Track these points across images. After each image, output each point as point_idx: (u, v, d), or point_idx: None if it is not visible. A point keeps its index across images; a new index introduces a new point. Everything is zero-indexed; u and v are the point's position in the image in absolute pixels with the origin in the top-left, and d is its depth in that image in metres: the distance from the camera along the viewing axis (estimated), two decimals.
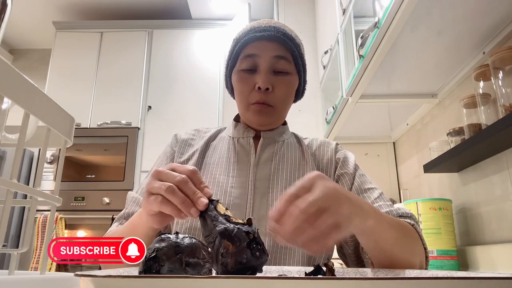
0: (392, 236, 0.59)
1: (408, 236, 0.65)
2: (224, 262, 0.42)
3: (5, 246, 2.43)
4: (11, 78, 0.34)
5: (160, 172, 0.52)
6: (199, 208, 0.48)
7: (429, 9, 1.09)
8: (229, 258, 0.42)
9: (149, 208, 0.53)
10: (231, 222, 0.45)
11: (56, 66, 3.01)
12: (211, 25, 3.11)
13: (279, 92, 0.81)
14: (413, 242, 0.65)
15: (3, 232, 0.34)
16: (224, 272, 0.43)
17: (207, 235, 0.46)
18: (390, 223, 0.61)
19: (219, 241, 0.43)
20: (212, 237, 0.44)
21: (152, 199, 0.51)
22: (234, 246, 0.43)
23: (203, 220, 0.47)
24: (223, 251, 0.42)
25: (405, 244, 0.62)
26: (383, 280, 0.29)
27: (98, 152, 2.79)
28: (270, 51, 0.80)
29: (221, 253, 0.42)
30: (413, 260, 0.63)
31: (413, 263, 0.62)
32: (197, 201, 0.48)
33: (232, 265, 0.42)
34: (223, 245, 0.43)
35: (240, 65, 0.82)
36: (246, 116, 0.85)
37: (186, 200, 0.49)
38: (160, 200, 0.50)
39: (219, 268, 0.43)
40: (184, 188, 0.49)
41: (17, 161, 0.37)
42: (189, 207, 0.48)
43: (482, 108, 1.17)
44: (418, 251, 0.65)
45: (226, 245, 0.43)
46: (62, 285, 0.40)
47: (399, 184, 2.14)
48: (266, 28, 0.81)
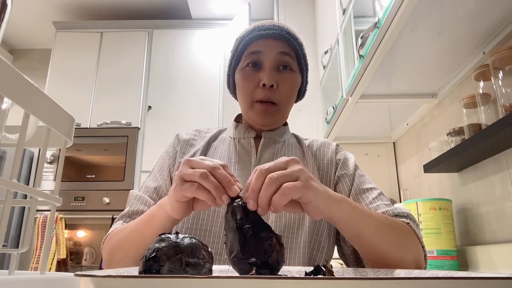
0: (374, 224, 0.59)
1: (397, 229, 0.65)
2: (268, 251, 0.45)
3: (5, 246, 2.43)
4: (11, 78, 0.34)
5: (192, 161, 0.53)
6: (231, 194, 0.49)
7: (429, 9, 1.09)
8: (273, 253, 0.45)
9: (181, 194, 0.53)
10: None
11: (56, 66, 3.01)
12: (211, 25, 3.11)
13: (284, 89, 0.81)
14: (404, 237, 0.65)
15: (3, 232, 0.34)
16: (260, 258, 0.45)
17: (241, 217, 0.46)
18: (371, 213, 0.61)
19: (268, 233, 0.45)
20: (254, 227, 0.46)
21: (188, 185, 0.51)
22: (280, 245, 0.46)
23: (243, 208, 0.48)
24: (272, 243, 0.45)
25: (392, 235, 0.62)
26: (383, 280, 0.29)
27: (98, 152, 2.80)
28: (274, 48, 0.80)
29: (268, 244, 0.45)
30: (404, 254, 0.62)
31: (404, 258, 0.62)
32: (230, 187, 0.49)
33: (273, 259, 0.45)
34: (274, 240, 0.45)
35: (244, 62, 0.82)
36: (249, 115, 0.84)
37: (219, 186, 0.49)
38: (196, 186, 0.50)
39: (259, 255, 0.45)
40: (217, 174, 0.50)
41: (17, 161, 0.37)
42: (222, 192, 0.49)
43: (482, 108, 1.17)
44: (411, 248, 0.65)
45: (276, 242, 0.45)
46: (62, 285, 0.40)
47: (399, 184, 2.15)
48: (270, 27, 0.81)
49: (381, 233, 0.60)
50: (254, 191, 0.48)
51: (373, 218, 0.60)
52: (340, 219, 0.56)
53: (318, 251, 0.76)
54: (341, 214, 0.55)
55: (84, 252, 2.58)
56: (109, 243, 0.72)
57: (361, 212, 0.59)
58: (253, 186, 0.48)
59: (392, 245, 0.61)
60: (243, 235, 0.46)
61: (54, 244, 2.45)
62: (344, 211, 0.55)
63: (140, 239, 0.65)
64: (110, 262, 0.70)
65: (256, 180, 0.48)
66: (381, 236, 0.60)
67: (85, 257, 2.57)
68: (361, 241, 0.60)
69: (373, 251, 0.60)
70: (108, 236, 0.73)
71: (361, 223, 0.58)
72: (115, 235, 0.71)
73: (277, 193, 0.47)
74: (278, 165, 0.50)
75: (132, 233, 0.67)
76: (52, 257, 2.42)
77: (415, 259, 0.65)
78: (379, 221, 0.61)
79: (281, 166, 0.50)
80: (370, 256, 0.62)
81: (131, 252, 0.66)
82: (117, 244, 0.70)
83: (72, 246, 2.59)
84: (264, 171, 0.49)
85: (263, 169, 0.49)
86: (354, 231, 0.58)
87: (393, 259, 0.60)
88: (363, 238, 0.59)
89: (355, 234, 0.59)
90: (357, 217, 0.57)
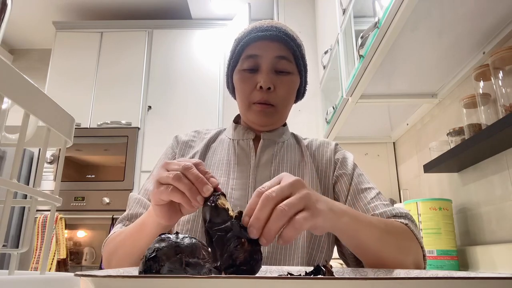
0: (375, 233, 0.59)
1: (397, 234, 0.64)
2: (235, 255, 0.43)
3: (5, 246, 2.43)
4: (11, 78, 0.34)
5: (168, 163, 0.53)
6: (204, 194, 0.49)
7: (429, 9, 1.09)
8: (241, 253, 0.43)
9: (158, 198, 0.53)
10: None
11: (56, 66, 3.01)
12: (211, 25, 3.11)
13: (281, 91, 0.81)
14: (404, 241, 0.65)
15: (3, 232, 0.34)
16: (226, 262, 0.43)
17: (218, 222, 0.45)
18: (371, 221, 0.61)
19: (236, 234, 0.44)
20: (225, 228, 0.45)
21: (163, 188, 0.51)
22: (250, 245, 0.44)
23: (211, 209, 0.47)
24: (238, 245, 0.43)
25: (392, 242, 0.62)
26: (383, 280, 0.29)
27: (98, 152, 2.79)
28: (272, 51, 0.80)
29: (234, 245, 0.43)
30: (405, 258, 0.62)
31: (405, 262, 0.62)
32: (202, 188, 0.49)
33: (241, 261, 0.43)
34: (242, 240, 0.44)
35: (242, 64, 0.82)
36: (247, 116, 0.84)
37: (193, 187, 0.49)
38: (170, 189, 0.50)
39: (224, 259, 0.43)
40: (189, 175, 0.50)
41: (17, 161, 0.37)
42: (195, 194, 0.49)
43: (482, 108, 1.17)
44: (411, 250, 0.65)
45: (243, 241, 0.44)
46: (62, 285, 0.40)
47: (399, 184, 2.15)
48: (268, 28, 0.81)
49: (382, 241, 0.60)
50: (260, 220, 0.44)
51: (374, 227, 0.60)
52: (342, 231, 0.55)
53: (318, 251, 0.76)
54: (342, 226, 0.54)
55: (84, 252, 2.58)
56: (106, 249, 0.73)
57: (361, 222, 0.58)
58: (259, 215, 0.45)
59: (392, 251, 0.61)
60: (210, 238, 0.45)
61: (54, 244, 2.45)
62: (345, 224, 0.54)
63: (133, 247, 0.65)
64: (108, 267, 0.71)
65: (262, 210, 0.45)
66: (382, 244, 0.60)
67: (85, 257, 2.57)
68: (363, 251, 0.60)
69: (374, 258, 0.60)
70: (107, 240, 0.74)
71: (362, 234, 0.57)
72: (112, 241, 0.72)
73: (289, 227, 0.44)
74: (283, 191, 0.47)
75: (126, 240, 0.68)
76: (52, 257, 2.42)
77: (414, 260, 0.65)
78: (379, 229, 0.61)
79: (286, 193, 0.47)
80: (371, 262, 0.62)
81: (126, 259, 0.66)
82: (113, 250, 0.70)
83: (72, 246, 2.59)
84: (270, 200, 0.45)
85: (269, 197, 0.45)
86: (355, 242, 0.58)
87: (394, 264, 0.60)
88: (364, 248, 0.59)
89: (356, 244, 0.59)
90: (358, 228, 0.57)
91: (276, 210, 0.45)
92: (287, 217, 0.44)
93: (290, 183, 0.48)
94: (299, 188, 0.48)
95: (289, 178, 0.49)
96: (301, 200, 0.46)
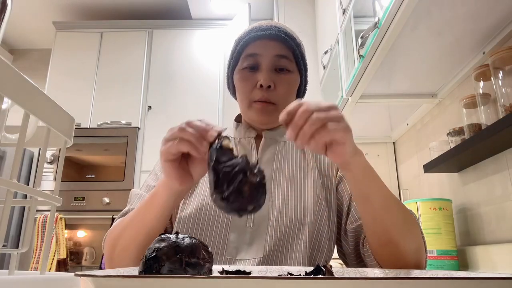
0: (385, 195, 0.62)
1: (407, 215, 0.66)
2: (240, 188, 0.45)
3: (5, 246, 2.43)
4: (11, 78, 0.34)
5: (172, 128, 0.57)
6: (209, 139, 0.52)
7: (429, 9, 1.09)
8: (247, 186, 0.46)
9: (167, 152, 0.55)
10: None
11: (56, 66, 3.01)
12: (211, 25, 3.11)
13: (281, 89, 0.81)
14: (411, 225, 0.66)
15: (3, 232, 0.34)
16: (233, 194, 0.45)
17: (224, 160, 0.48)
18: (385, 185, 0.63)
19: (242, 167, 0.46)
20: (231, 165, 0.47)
21: (170, 143, 0.55)
22: (256, 177, 0.47)
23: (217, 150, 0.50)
24: (243, 178, 0.46)
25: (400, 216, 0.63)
26: (382, 280, 0.29)
27: (98, 152, 2.79)
28: (271, 50, 0.80)
29: (240, 179, 0.46)
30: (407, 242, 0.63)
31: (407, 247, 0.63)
32: (206, 134, 0.53)
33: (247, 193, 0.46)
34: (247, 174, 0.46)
35: (242, 64, 0.83)
36: (248, 115, 0.84)
37: (197, 134, 0.53)
38: (177, 141, 0.54)
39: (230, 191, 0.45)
40: (193, 126, 0.54)
41: (17, 161, 0.37)
42: (201, 139, 0.52)
43: (482, 108, 1.17)
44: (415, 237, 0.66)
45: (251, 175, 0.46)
46: (62, 285, 0.40)
47: (399, 184, 2.14)
48: (268, 28, 0.81)
49: (390, 205, 0.62)
50: (297, 125, 0.50)
51: (385, 187, 0.62)
52: (356, 172, 0.58)
53: (318, 251, 0.76)
54: (358, 166, 0.58)
55: (84, 252, 2.58)
56: (110, 236, 0.72)
57: (375, 174, 0.61)
58: (297, 121, 0.50)
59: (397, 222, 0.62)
60: (217, 175, 0.47)
61: (54, 244, 2.45)
62: (361, 164, 0.58)
63: (143, 222, 0.65)
64: (111, 256, 0.69)
65: (301, 116, 0.50)
66: (389, 207, 0.62)
67: (85, 257, 2.57)
68: (369, 205, 0.62)
69: (378, 219, 0.62)
70: (109, 231, 0.74)
71: (372, 184, 0.60)
72: (116, 228, 0.72)
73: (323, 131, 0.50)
74: (321, 107, 0.52)
75: (134, 218, 0.68)
76: (52, 257, 2.42)
77: (416, 250, 0.65)
78: (390, 194, 0.63)
79: (324, 109, 0.51)
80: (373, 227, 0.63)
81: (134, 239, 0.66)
82: (118, 234, 0.69)
83: (72, 246, 2.59)
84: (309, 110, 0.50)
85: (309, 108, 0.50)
86: (364, 191, 0.61)
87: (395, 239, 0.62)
88: (371, 202, 0.61)
89: (364, 193, 0.61)
90: (371, 176, 0.60)
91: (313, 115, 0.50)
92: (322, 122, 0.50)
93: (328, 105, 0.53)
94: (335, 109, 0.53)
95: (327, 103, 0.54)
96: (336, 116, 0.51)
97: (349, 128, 0.53)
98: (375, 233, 0.64)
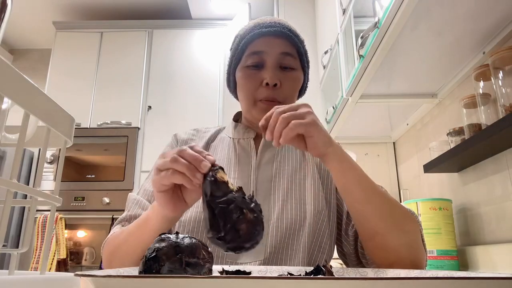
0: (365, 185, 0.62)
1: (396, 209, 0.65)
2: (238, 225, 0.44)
3: (5, 246, 2.43)
4: (11, 78, 0.34)
5: (164, 153, 0.56)
6: (202, 171, 0.50)
7: (429, 9, 1.09)
8: (244, 224, 0.44)
9: (160, 184, 0.54)
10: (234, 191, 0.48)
11: (56, 66, 3.01)
12: (211, 25, 3.11)
13: (287, 87, 0.80)
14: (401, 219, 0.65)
15: (3, 232, 0.34)
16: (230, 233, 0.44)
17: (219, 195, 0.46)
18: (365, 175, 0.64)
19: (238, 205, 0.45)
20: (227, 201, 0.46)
21: (163, 173, 0.53)
22: (253, 215, 0.46)
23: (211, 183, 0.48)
24: (240, 215, 0.45)
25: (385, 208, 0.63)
26: (383, 280, 0.29)
27: (98, 152, 2.79)
28: (276, 47, 0.79)
29: (237, 216, 0.45)
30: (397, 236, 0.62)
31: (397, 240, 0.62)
32: (199, 164, 0.51)
33: (244, 231, 0.44)
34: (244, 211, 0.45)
35: (246, 61, 0.81)
36: (251, 113, 0.82)
37: (190, 166, 0.51)
38: (170, 172, 0.52)
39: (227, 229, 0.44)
40: (185, 156, 0.52)
41: (17, 161, 0.37)
42: (194, 171, 0.50)
43: (482, 108, 1.17)
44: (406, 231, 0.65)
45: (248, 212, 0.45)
46: (62, 285, 0.40)
47: (399, 184, 2.14)
48: (272, 24, 0.80)
49: (371, 196, 0.62)
50: (271, 126, 0.58)
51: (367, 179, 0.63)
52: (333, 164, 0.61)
53: (319, 252, 0.75)
54: (334, 157, 0.61)
55: (84, 252, 2.58)
56: (107, 249, 0.72)
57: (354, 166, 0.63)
58: (271, 123, 0.59)
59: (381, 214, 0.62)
60: (212, 211, 0.46)
61: (54, 244, 2.45)
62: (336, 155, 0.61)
63: (136, 243, 0.64)
64: (110, 266, 0.70)
65: (273, 119, 0.58)
66: (369, 199, 0.62)
67: (85, 257, 2.57)
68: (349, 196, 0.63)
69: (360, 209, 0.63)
70: (106, 241, 0.73)
71: (350, 175, 0.62)
72: (113, 241, 0.71)
73: (286, 128, 0.56)
74: (291, 107, 0.60)
75: (129, 237, 0.67)
76: (52, 257, 2.42)
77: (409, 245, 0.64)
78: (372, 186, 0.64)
79: (292, 109, 0.59)
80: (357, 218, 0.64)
81: (128, 256, 0.66)
82: (114, 249, 0.70)
83: (72, 246, 2.59)
84: (279, 112, 0.59)
85: (279, 110, 0.59)
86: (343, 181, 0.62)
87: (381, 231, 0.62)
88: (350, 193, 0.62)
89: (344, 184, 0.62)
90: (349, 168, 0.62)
91: (280, 117, 0.58)
92: (287, 121, 0.57)
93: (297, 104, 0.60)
94: (303, 107, 0.60)
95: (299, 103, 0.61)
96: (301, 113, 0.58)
97: (315, 122, 0.58)
98: (360, 225, 0.65)
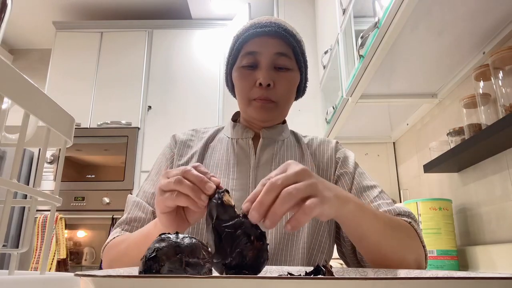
0: (378, 225, 0.58)
1: (400, 230, 0.64)
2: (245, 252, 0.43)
3: (5, 246, 2.43)
4: (11, 78, 0.34)
5: (168, 171, 0.54)
6: (207, 193, 0.49)
7: (429, 9, 1.09)
8: (249, 251, 0.43)
9: (164, 206, 0.53)
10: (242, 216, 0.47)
11: (56, 66, 3.01)
12: (211, 25, 3.11)
13: (280, 88, 0.80)
14: (407, 238, 0.65)
15: (3, 232, 0.34)
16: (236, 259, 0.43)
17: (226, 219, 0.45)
18: (375, 212, 0.60)
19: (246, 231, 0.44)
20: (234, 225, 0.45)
21: (168, 195, 0.51)
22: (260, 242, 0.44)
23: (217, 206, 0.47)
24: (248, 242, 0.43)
25: (395, 236, 0.61)
26: (383, 280, 0.29)
27: (98, 152, 2.79)
28: (271, 48, 0.79)
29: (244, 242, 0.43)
30: (406, 255, 0.61)
31: (406, 259, 0.61)
32: (204, 186, 0.49)
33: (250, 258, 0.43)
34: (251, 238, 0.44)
35: (241, 61, 0.81)
36: (247, 112, 0.83)
37: (195, 187, 0.49)
38: (175, 194, 0.50)
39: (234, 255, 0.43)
40: (190, 177, 0.50)
41: (17, 161, 0.37)
42: (199, 193, 0.49)
43: (482, 108, 1.17)
44: (413, 248, 0.65)
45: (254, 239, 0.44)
46: (62, 285, 0.40)
47: (399, 184, 2.14)
48: (267, 24, 0.80)
49: (385, 234, 0.59)
50: (263, 204, 0.44)
51: (377, 219, 0.59)
52: (346, 218, 0.55)
53: (318, 252, 0.75)
54: (346, 214, 0.53)
55: (84, 252, 2.58)
56: (107, 255, 0.72)
57: (366, 212, 0.58)
58: (263, 199, 0.44)
59: (394, 247, 0.60)
60: (219, 235, 0.45)
61: (54, 244, 2.45)
62: (350, 211, 0.53)
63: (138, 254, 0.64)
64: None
65: (268, 194, 0.45)
66: (384, 238, 0.59)
67: (85, 257, 2.57)
68: (364, 243, 0.59)
69: (375, 252, 0.60)
70: (107, 246, 0.73)
71: (365, 223, 0.57)
72: (113, 248, 0.71)
73: (300, 213, 0.44)
74: (289, 179, 0.46)
75: (130, 250, 0.66)
76: (52, 257, 2.42)
77: (416, 259, 0.65)
78: (383, 222, 0.60)
79: (292, 180, 0.46)
80: (372, 257, 0.61)
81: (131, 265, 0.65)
82: (116, 258, 0.69)
83: (72, 246, 2.59)
84: (276, 187, 0.45)
85: (275, 184, 0.45)
86: (358, 232, 0.58)
87: (395, 261, 0.60)
88: (366, 239, 0.58)
89: (359, 234, 0.58)
90: (362, 217, 0.56)
91: (282, 192, 0.44)
92: (294, 200, 0.44)
93: (296, 172, 0.47)
94: (305, 176, 0.47)
95: (295, 166, 0.48)
96: (308, 187, 0.46)
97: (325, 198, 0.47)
98: (373, 261, 0.62)
